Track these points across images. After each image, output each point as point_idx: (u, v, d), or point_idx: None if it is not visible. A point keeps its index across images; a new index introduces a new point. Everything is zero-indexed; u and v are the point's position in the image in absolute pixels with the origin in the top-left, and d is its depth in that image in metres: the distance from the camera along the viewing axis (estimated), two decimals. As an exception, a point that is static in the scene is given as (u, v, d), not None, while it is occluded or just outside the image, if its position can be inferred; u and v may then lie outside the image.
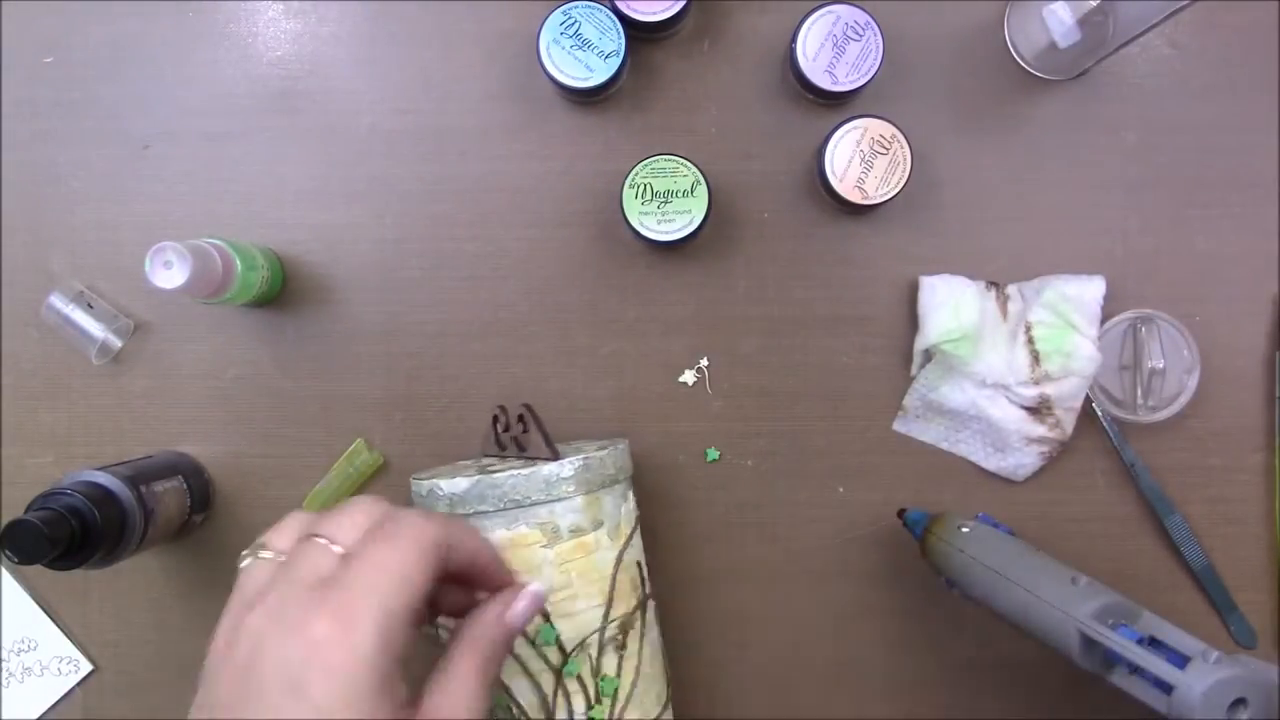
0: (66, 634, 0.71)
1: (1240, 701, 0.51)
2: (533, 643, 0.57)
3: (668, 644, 0.70)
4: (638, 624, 0.60)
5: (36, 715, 0.71)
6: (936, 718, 0.70)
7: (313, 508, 0.70)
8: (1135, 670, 0.54)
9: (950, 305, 0.67)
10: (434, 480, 0.58)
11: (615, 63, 0.65)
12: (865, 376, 0.70)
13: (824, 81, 0.65)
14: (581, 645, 0.57)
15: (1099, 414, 0.69)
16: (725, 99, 0.70)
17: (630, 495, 0.62)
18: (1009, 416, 0.67)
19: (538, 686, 0.57)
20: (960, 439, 0.70)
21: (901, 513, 0.67)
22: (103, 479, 0.61)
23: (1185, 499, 0.69)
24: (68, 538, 0.57)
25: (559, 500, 0.57)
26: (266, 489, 0.71)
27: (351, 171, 0.70)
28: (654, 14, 0.65)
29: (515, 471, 0.57)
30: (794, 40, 0.65)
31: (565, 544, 0.57)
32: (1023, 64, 0.69)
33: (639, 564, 0.61)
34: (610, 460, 0.59)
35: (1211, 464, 0.70)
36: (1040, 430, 0.67)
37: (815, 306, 0.70)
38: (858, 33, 0.65)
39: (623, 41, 0.65)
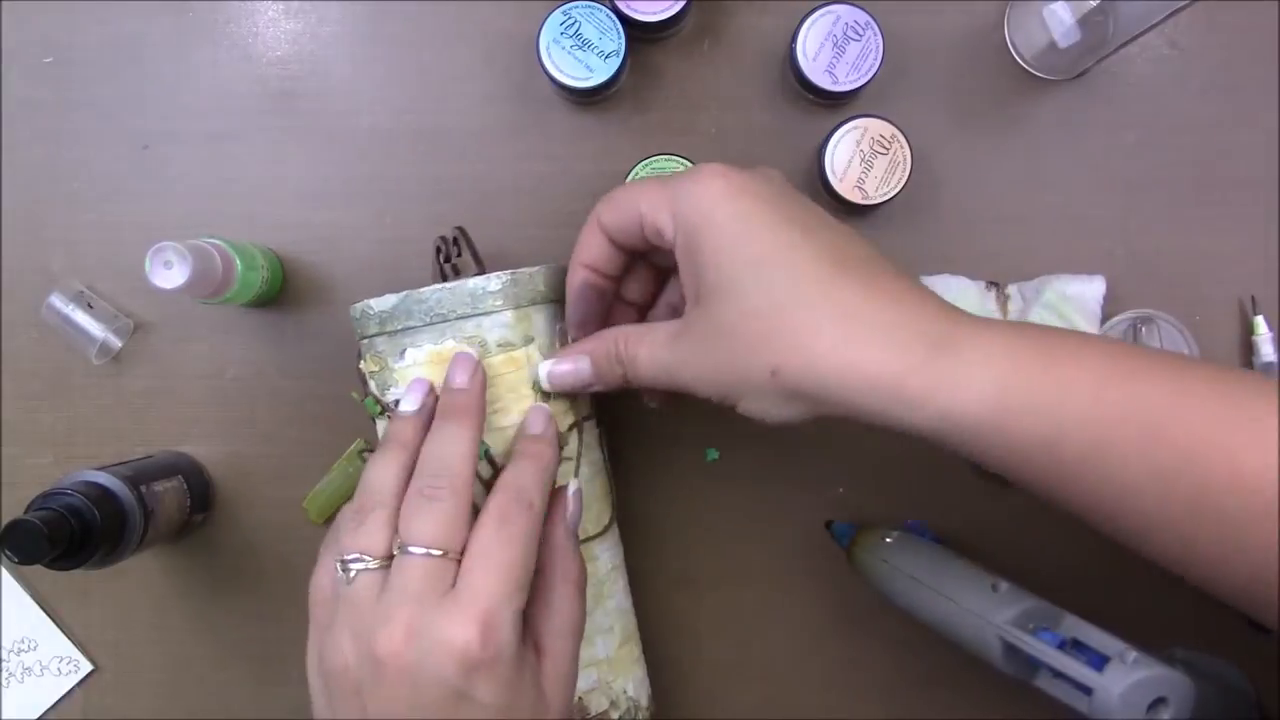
0: (66, 634, 0.71)
1: (1161, 700, 0.51)
2: None
3: (667, 644, 0.70)
4: (574, 443, 0.60)
5: (36, 715, 0.71)
6: (936, 717, 0.70)
7: (313, 508, 0.70)
8: (1058, 675, 0.54)
9: (950, 305, 0.67)
10: (365, 301, 0.59)
11: (615, 63, 0.65)
12: (865, 376, 0.70)
13: (824, 81, 0.65)
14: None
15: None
16: (725, 99, 0.70)
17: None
18: (1009, 416, 0.67)
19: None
20: (960, 439, 0.69)
21: (829, 524, 0.67)
22: (103, 479, 0.61)
23: (1185, 499, 0.69)
24: (68, 538, 0.57)
25: (486, 314, 0.57)
26: (266, 489, 0.71)
27: (351, 171, 0.70)
28: (654, 14, 0.65)
29: (442, 286, 0.58)
30: (794, 40, 0.65)
31: (494, 358, 0.58)
32: (1023, 64, 0.69)
33: None
34: (540, 278, 0.60)
35: (1211, 464, 0.70)
36: (1040, 430, 0.67)
37: (815, 306, 0.70)
38: (858, 33, 0.65)
39: (623, 41, 0.65)
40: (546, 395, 0.59)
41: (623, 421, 0.70)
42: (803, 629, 0.71)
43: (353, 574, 0.49)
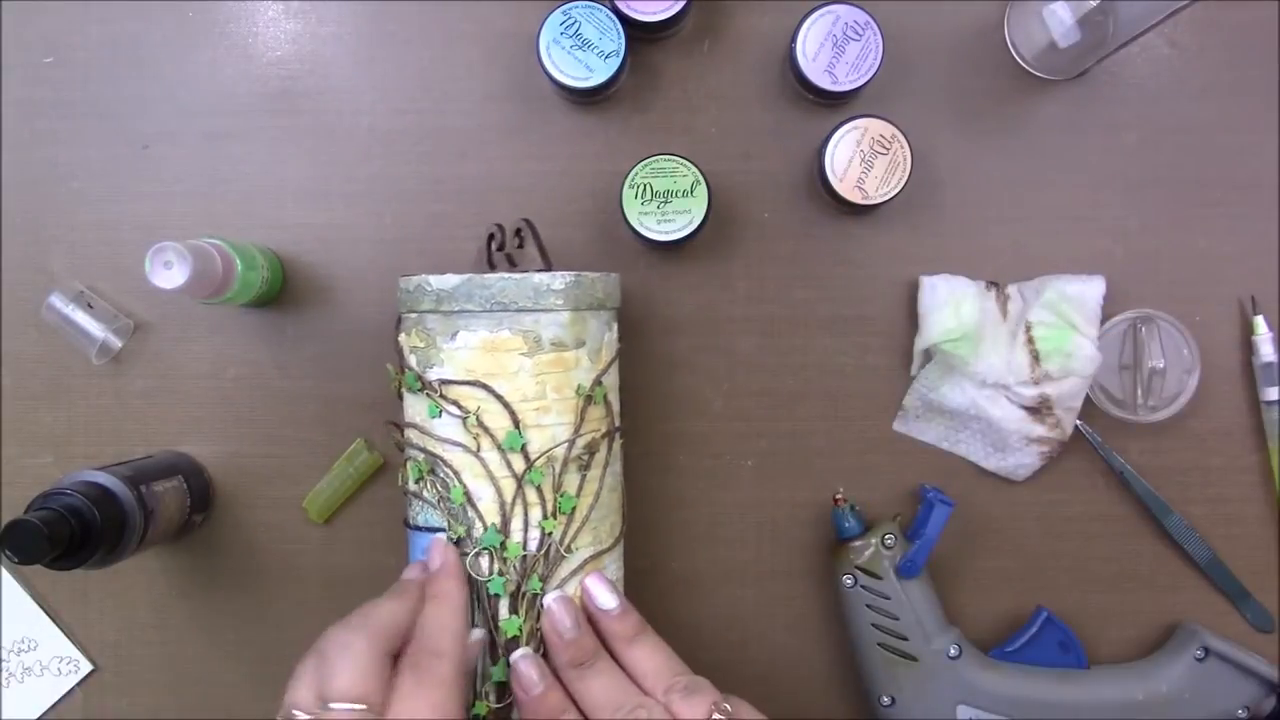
0: (66, 634, 0.71)
1: None
2: (500, 448, 0.58)
3: (667, 643, 0.70)
4: (603, 451, 0.60)
5: (36, 715, 0.71)
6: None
7: (313, 508, 0.70)
8: None
9: (950, 305, 0.67)
10: (422, 276, 0.59)
11: (615, 63, 0.65)
12: (865, 376, 0.70)
13: (824, 81, 0.65)
14: (547, 457, 0.58)
15: (1083, 430, 0.68)
16: (725, 99, 0.70)
17: (614, 326, 0.62)
18: (1009, 416, 0.67)
19: (498, 492, 0.58)
20: (960, 439, 0.70)
21: (836, 500, 0.68)
22: (103, 479, 0.61)
23: (1186, 499, 0.69)
24: (68, 538, 0.57)
25: (545, 311, 0.58)
26: (266, 489, 0.71)
27: (351, 171, 0.70)
28: (654, 14, 0.65)
29: (506, 275, 0.58)
30: (794, 40, 0.65)
31: (545, 355, 0.58)
32: (1023, 64, 0.69)
33: (609, 396, 0.61)
34: (600, 284, 0.60)
35: (1211, 464, 0.70)
36: (1040, 430, 0.67)
37: (815, 306, 0.70)
38: (858, 33, 0.65)
39: (623, 41, 0.65)
40: (589, 399, 0.59)
41: (622, 423, 0.70)
42: (803, 629, 0.71)
43: None
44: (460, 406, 0.58)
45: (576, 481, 0.59)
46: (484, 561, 0.58)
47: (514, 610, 0.58)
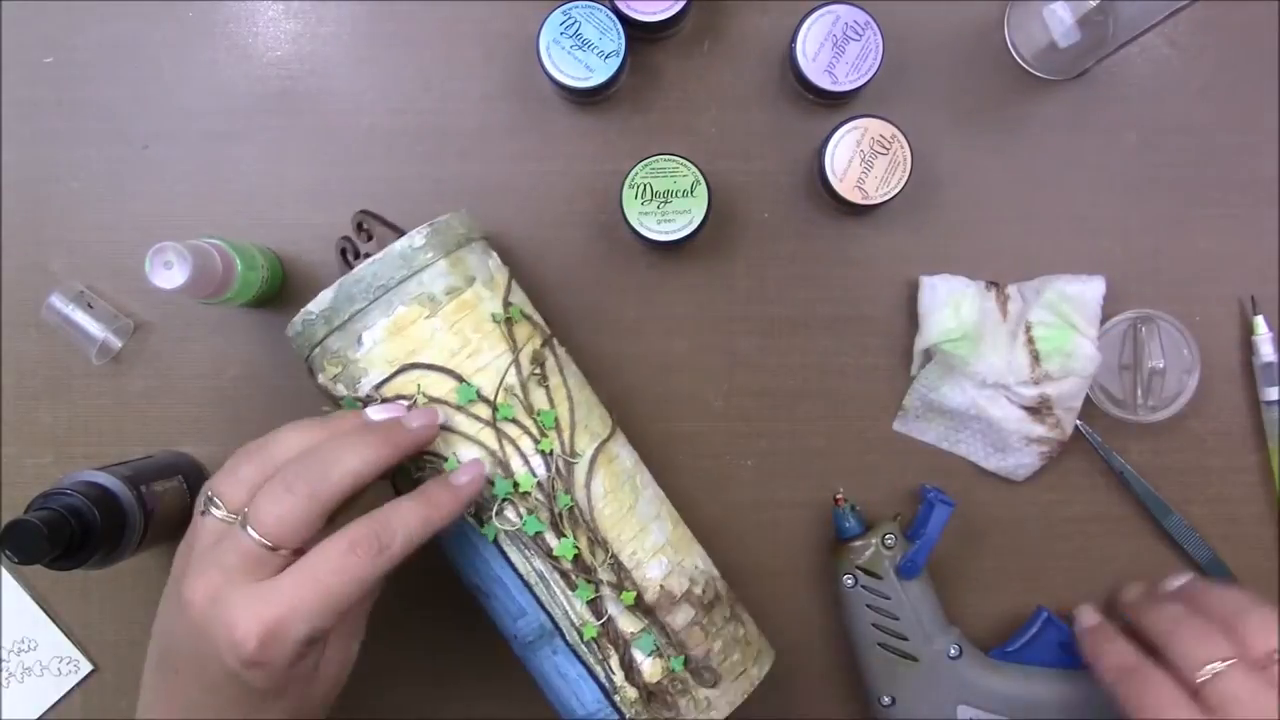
0: (66, 634, 0.71)
1: None
2: (460, 407, 0.57)
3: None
4: (550, 358, 0.60)
5: (36, 715, 0.71)
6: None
7: (313, 508, 0.70)
8: None
9: (950, 305, 0.67)
10: (301, 311, 0.58)
11: (615, 63, 0.65)
12: (865, 376, 0.70)
13: (824, 81, 0.65)
14: (503, 389, 0.58)
15: (1083, 430, 0.69)
16: (725, 99, 0.70)
17: (493, 253, 0.62)
18: (1009, 416, 0.67)
19: (482, 445, 0.58)
20: (960, 439, 0.70)
21: (836, 500, 0.68)
22: (103, 479, 0.61)
23: (1185, 499, 0.69)
24: (68, 538, 0.57)
25: (423, 270, 0.58)
26: (266, 489, 0.70)
27: (351, 171, 0.70)
28: (654, 14, 0.65)
29: (371, 259, 0.58)
30: (794, 40, 0.65)
31: (447, 307, 0.58)
32: (1023, 64, 0.69)
33: (525, 311, 0.61)
34: (458, 220, 0.60)
35: (1211, 464, 0.70)
36: (1040, 430, 0.67)
37: (815, 306, 0.70)
38: (858, 33, 0.65)
39: (623, 41, 0.65)
40: (509, 320, 0.59)
41: (621, 422, 0.70)
42: (804, 629, 0.70)
43: (202, 509, 0.51)
44: (404, 396, 0.58)
45: (544, 395, 0.59)
46: (510, 512, 0.58)
47: (560, 535, 0.58)
